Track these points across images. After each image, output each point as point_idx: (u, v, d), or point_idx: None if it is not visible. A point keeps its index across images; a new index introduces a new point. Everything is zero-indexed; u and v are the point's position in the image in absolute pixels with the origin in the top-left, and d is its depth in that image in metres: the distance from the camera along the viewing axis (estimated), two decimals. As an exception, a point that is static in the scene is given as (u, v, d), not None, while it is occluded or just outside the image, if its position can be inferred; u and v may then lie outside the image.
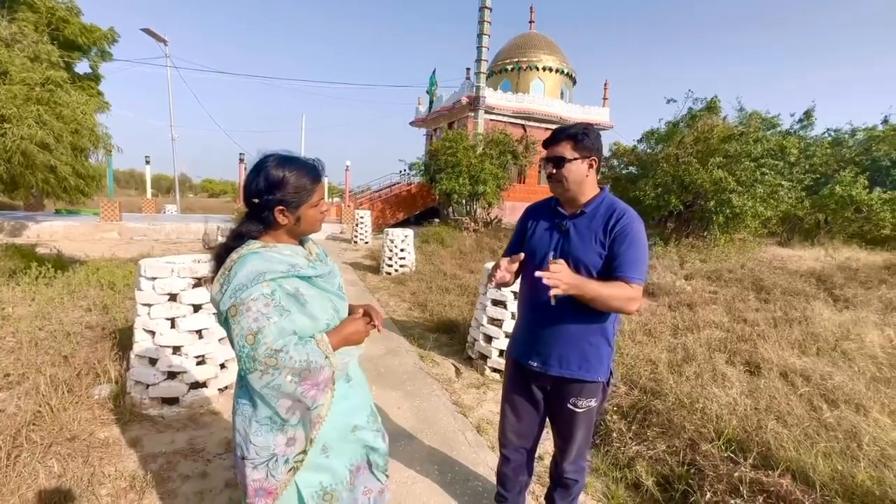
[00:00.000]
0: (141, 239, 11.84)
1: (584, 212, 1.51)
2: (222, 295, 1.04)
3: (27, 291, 4.89)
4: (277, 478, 1.09)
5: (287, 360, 1.01)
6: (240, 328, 1.00)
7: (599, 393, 1.60)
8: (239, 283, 1.02)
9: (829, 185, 11.66)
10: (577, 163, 1.48)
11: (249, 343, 0.99)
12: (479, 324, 3.70)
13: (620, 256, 1.42)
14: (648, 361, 3.64)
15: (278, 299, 1.04)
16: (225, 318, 1.03)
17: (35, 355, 3.16)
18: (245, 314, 1.00)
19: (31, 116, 4.25)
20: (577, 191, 1.51)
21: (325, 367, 1.07)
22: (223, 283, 1.05)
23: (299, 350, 1.03)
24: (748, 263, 8.64)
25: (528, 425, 1.74)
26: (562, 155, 1.48)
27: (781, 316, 5.22)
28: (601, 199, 1.52)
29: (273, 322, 1.01)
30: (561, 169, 1.49)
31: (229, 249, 1.12)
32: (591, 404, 1.59)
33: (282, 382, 1.02)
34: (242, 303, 1.00)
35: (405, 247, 7.87)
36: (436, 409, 2.93)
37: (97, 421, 2.51)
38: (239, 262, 1.05)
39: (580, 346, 1.52)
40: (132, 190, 43.35)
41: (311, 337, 1.08)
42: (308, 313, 1.09)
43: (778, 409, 2.78)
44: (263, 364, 1.00)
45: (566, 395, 1.58)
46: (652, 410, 2.71)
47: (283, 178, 1.08)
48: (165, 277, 2.66)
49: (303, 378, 1.04)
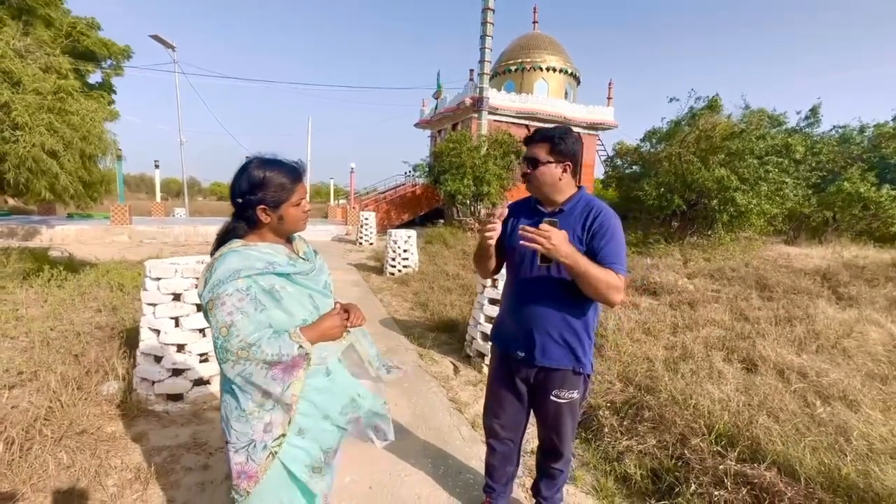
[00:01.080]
0: (150, 242, 12.06)
1: (562, 210, 1.57)
2: (203, 289, 1.12)
3: (40, 293, 5.03)
4: (257, 461, 1.15)
5: (258, 354, 1.08)
6: (215, 321, 1.08)
7: (581, 385, 1.65)
8: (217, 278, 1.09)
9: (836, 183, 11.54)
10: (551, 166, 1.52)
11: (223, 335, 1.07)
12: (476, 322, 3.76)
13: (603, 250, 1.46)
14: (646, 359, 3.67)
15: (253, 294, 1.11)
16: (206, 310, 1.11)
17: (47, 354, 3.28)
18: (220, 308, 1.08)
19: (43, 124, 4.40)
20: (550, 192, 1.56)
21: (297, 356, 1.13)
22: (206, 279, 1.12)
23: (272, 344, 1.09)
24: (753, 262, 8.60)
25: (514, 417, 1.79)
26: (536, 156, 1.52)
27: (783, 314, 5.21)
28: (578, 198, 1.58)
29: (248, 315, 1.08)
30: (534, 170, 1.53)
31: (221, 244, 1.19)
32: (574, 396, 1.64)
33: (253, 371, 1.09)
34: (218, 297, 1.08)
35: (408, 247, 7.95)
36: (432, 406, 3.00)
37: (105, 416, 2.61)
38: (219, 260, 1.13)
39: (563, 338, 1.57)
40: (142, 194, 43.97)
41: (286, 331, 1.14)
42: (284, 309, 1.16)
43: (771, 405, 2.80)
44: (235, 355, 1.07)
45: (549, 387, 1.63)
46: (644, 406, 2.74)
47: (264, 178, 1.16)
48: (170, 278, 2.76)
49: (272, 366, 1.11)
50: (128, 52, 14.91)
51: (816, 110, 14.22)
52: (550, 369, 1.60)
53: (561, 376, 1.61)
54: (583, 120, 20.31)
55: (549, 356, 1.59)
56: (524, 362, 1.64)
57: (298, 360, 1.15)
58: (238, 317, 1.07)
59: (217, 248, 1.20)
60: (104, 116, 5.41)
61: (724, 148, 9.78)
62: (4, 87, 4.09)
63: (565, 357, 1.58)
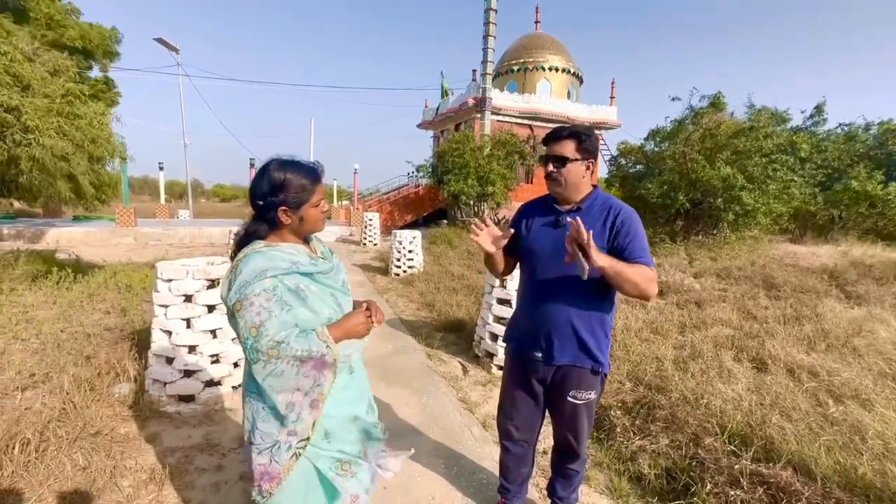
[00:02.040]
0: (156, 243, 12.12)
1: (580, 208, 1.57)
2: (229, 291, 1.12)
3: (49, 295, 5.06)
4: (280, 463, 1.16)
5: (288, 350, 1.08)
6: (244, 321, 1.08)
7: (598, 385, 1.64)
8: (243, 279, 1.10)
9: (843, 181, 11.48)
10: (578, 164, 1.52)
11: (253, 335, 1.07)
12: (484, 322, 3.76)
13: (630, 245, 1.47)
14: (655, 359, 3.66)
15: (280, 294, 1.12)
16: (231, 313, 1.12)
17: (58, 356, 3.30)
18: (248, 308, 1.08)
19: (53, 127, 4.43)
20: (573, 191, 1.56)
21: (327, 354, 1.14)
22: (231, 280, 1.13)
23: (300, 341, 1.10)
24: (759, 261, 8.56)
25: (528, 418, 1.78)
26: (564, 154, 1.51)
27: (791, 313, 5.18)
28: (595, 196, 1.58)
29: (275, 315, 1.09)
30: (562, 168, 1.52)
31: (239, 249, 1.20)
32: (591, 396, 1.63)
33: (284, 369, 1.10)
34: (246, 298, 1.08)
35: (413, 248, 7.95)
36: (442, 406, 3.00)
37: (118, 417, 2.62)
38: (244, 261, 1.14)
39: (581, 338, 1.56)
40: (146, 196, 44.21)
41: (313, 330, 1.15)
42: (309, 307, 1.17)
43: (783, 404, 2.79)
44: (266, 354, 1.07)
45: (566, 388, 1.62)
46: (656, 406, 2.74)
47: (285, 179, 1.17)
48: (181, 279, 2.77)
49: (303, 362, 1.12)
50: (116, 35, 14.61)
51: (821, 108, 14.13)
52: (568, 369, 1.60)
53: (578, 376, 1.60)
54: (586, 119, 20.27)
55: (568, 355, 1.58)
56: (541, 362, 1.63)
57: (327, 361, 1.15)
58: (266, 316, 1.08)
59: (238, 251, 1.21)
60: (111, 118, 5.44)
61: (731, 146, 9.73)
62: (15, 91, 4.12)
63: (583, 356, 1.58)
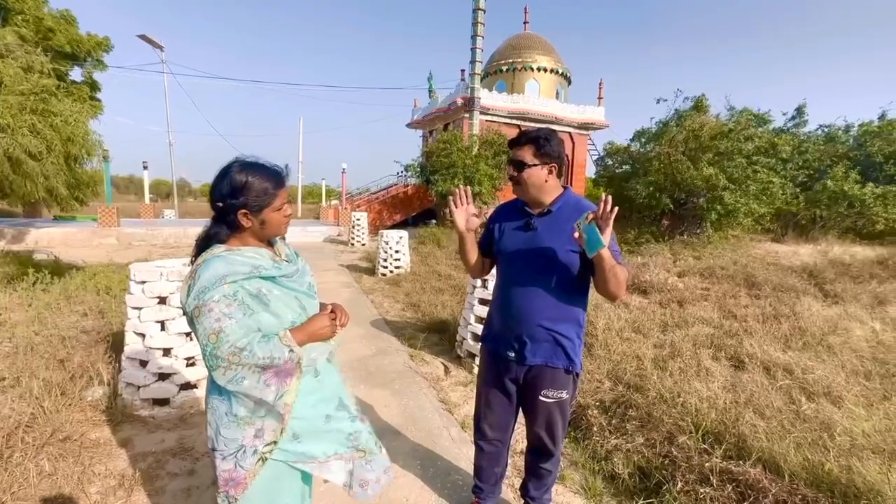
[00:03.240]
0: (139, 244, 11.92)
1: (550, 211, 1.59)
2: (188, 297, 1.10)
3: (24, 297, 4.94)
4: (246, 468, 1.14)
5: (249, 358, 1.07)
6: (203, 328, 1.06)
7: (570, 385, 1.66)
8: (202, 285, 1.08)
9: (822, 181, 11.72)
10: (537, 168, 1.54)
11: (212, 342, 1.05)
12: (466, 323, 3.76)
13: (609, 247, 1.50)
14: (635, 358, 3.69)
15: (241, 299, 1.10)
16: (191, 318, 1.09)
17: (30, 359, 3.22)
18: (207, 315, 1.06)
19: (26, 125, 4.32)
20: (537, 194, 1.58)
21: (289, 359, 1.13)
22: (190, 286, 1.11)
23: (262, 347, 1.09)
24: (741, 260, 8.70)
25: (502, 417, 1.80)
26: (522, 160, 1.55)
27: (770, 311, 5.27)
28: (565, 199, 1.60)
29: (236, 321, 1.07)
30: (521, 173, 1.55)
31: (200, 252, 1.18)
32: (562, 396, 1.65)
33: (245, 376, 1.08)
34: (205, 304, 1.06)
35: (400, 248, 7.93)
36: (422, 407, 2.99)
37: (89, 422, 2.57)
38: (203, 266, 1.11)
39: (554, 338, 1.58)
40: (131, 195, 43.39)
41: (275, 334, 1.13)
42: (272, 312, 1.15)
43: (757, 402, 2.84)
44: (226, 361, 1.06)
45: (538, 387, 1.64)
46: (632, 405, 2.76)
47: (246, 182, 1.14)
48: (155, 281, 2.72)
49: (265, 369, 1.10)
50: (107, 45, 14.57)
51: (802, 110, 14.42)
52: (540, 369, 1.61)
53: (551, 375, 1.61)
54: (574, 120, 20.42)
55: (540, 355, 1.60)
56: (514, 362, 1.64)
57: (290, 366, 1.14)
58: (226, 322, 1.06)
59: (198, 255, 1.19)
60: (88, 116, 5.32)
61: (713, 147, 9.88)
62: (-16, 88, 4.02)
63: (556, 356, 1.59)
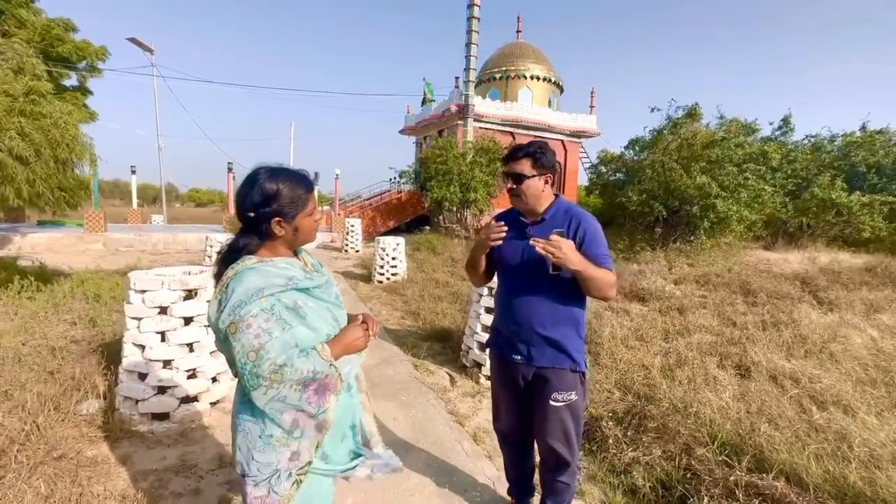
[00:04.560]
0: (127, 250, 11.63)
1: (544, 219, 1.67)
2: (220, 313, 1.03)
3: (9, 305, 4.76)
4: (280, 493, 1.07)
5: (291, 374, 1.01)
6: (241, 345, 1.00)
7: (578, 385, 1.70)
8: (237, 300, 1.01)
9: (810, 189, 11.96)
10: (535, 180, 1.63)
11: (252, 360, 0.99)
12: (472, 332, 3.70)
13: (592, 252, 1.56)
14: (642, 366, 3.67)
15: (278, 313, 1.04)
16: (224, 336, 1.02)
17: (19, 372, 3.08)
18: (245, 331, 0.99)
19: (14, 128, 4.18)
20: (534, 203, 1.66)
21: (330, 374, 1.08)
22: (221, 301, 1.04)
23: (303, 362, 1.03)
24: (735, 267, 8.80)
25: (519, 418, 1.84)
26: (521, 172, 1.63)
27: (769, 319, 5.31)
28: (557, 206, 1.69)
29: (275, 337, 1.01)
30: (520, 185, 1.63)
31: (226, 265, 1.11)
32: (572, 398, 1.68)
33: (287, 394, 1.03)
34: (242, 319, 1.00)
35: (396, 255, 7.86)
36: (432, 419, 2.92)
37: (85, 438, 2.44)
38: (235, 279, 1.05)
39: (555, 340, 1.64)
40: (117, 200, 42.59)
41: (313, 348, 1.08)
42: (309, 325, 1.10)
43: (769, 412, 2.82)
44: (268, 380, 1.00)
45: (547, 390, 1.68)
46: (647, 416, 2.72)
47: (278, 189, 1.10)
48: (156, 290, 2.62)
49: (306, 386, 1.05)
50: (103, 54, 14.44)
51: (788, 120, 14.76)
52: (547, 371, 1.66)
53: (558, 376, 1.66)
54: (566, 128, 20.60)
55: (546, 358, 1.66)
56: (523, 364, 1.70)
57: (331, 381, 1.09)
58: (266, 338, 1.00)
59: (224, 267, 1.12)
60: (79, 119, 5.18)
61: (705, 156, 10.03)
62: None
63: (560, 357, 1.65)
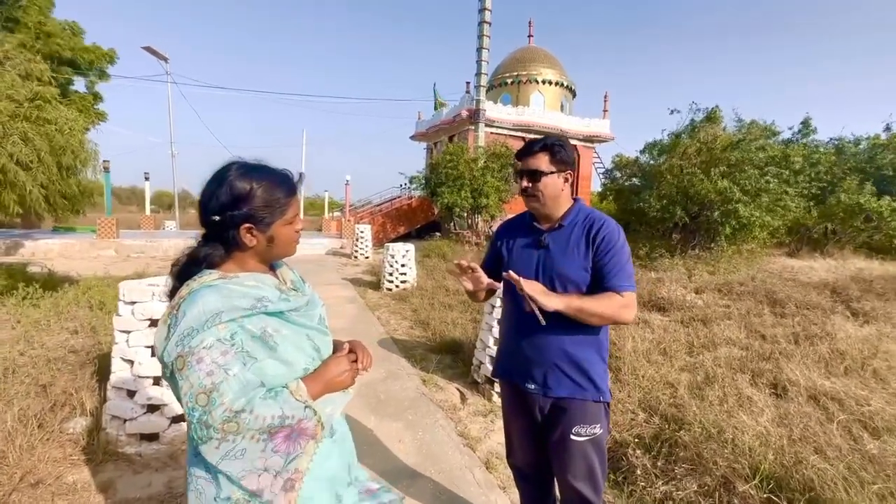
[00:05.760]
0: (138, 256, 11.67)
1: (561, 225, 1.46)
2: (167, 342, 0.82)
3: (12, 313, 4.68)
4: None
5: (251, 422, 0.79)
6: (189, 385, 0.79)
7: (603, 417, 1.46)
8: (188, 326, 0.80)
9: (835, 194, 11.48)
10: (554, 177, 1.43)
11: (201, 404, 0.78)
12: (484, 346, 3.47)
13: (606, 266, 1.37)
14: (667, 384, 3.41)
15: (240, 344, 0.83)
16: (171, 372, 0.82)
17: (10, 385, 2.94)
18: (195, 367, 0.78)
19: (17, 133, 4.11)
20: (553, 205, 1.46)
21: (304, 419, 0.86)
22: (170, 327, 0.83)
23: (268, 406, 0.81)
24: (758, 275, 8.42)
25: (534, 453, 1.60)
26: (537, 168, 1.42)
27: (801, 331, 4.98)
28: (577, 211, 1.48)
29: (233, 375, 0.80)
30: (537, 183, 1.43)
31: (182, 280, 0.91)
32: (596, 431, 1.44)
33: (246, 447, 0.81)
34: (192, 352, 0.79)
35: (406, 262, 7.67)
36: (440, 443, 2.69)
37: (67, 461, 2.27)
38: (188, 300, 0.84)
39: (577, 366, 1.42)
40: (133, 206, 43.31)
41: (284, 387, 0.86)
42: (280, 358, 0.88)
43: (814, 439, 2.54)
44: (221, 431, 0.78)
45: (567, 424, 1.43)
46: (678, 443, 2.47)
47: (251, 189, 0.89)
48: (146, 301, 2.46)
49: (273, 434, 0.83)
50: (112, 57, 14.53)
51: (808, 123, 14.28)
52: (567, 402, 1.43)
53: (580, 408, 1.43)
54: (579, 132, 20.32)
55: (565, 387, 1.43)
56: (538, 395, 1.48)
57: (306, 426, 0.87)
58: (220, 376, 0.79)
59: (180, 283, 0.91)
60: (85, 125, 5.12)
61: (725, 159, 9.68)
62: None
63: (582, 386, 1.43)
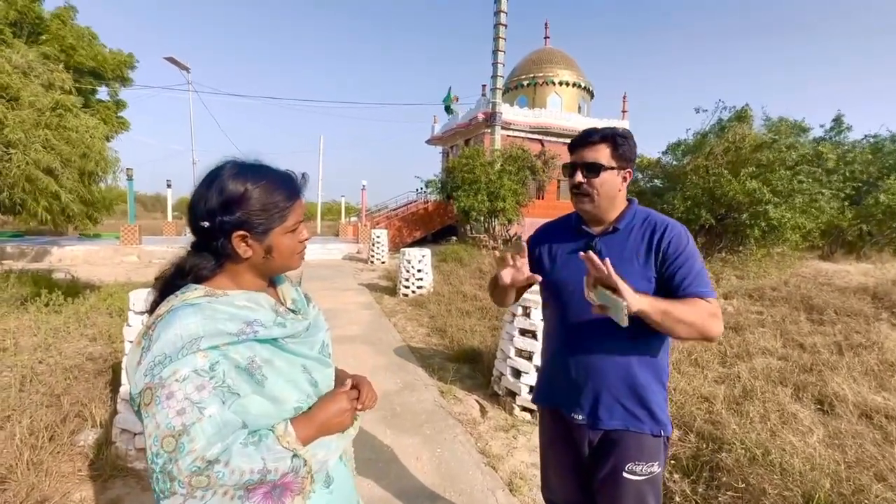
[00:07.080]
0: (160, 262, 11.84)
1: (616, 228, 1.27)
2: (136, 372, 0.69)
3: (35, 320, 4.73)
4: None
5: (225, 476, 0.65)
6: (155, 425, 0.65)
7: (661, 453, 1.27)
8: (160, 352, 0.67)
9: (873, 194, 10.91)
10: (613, 173, 1.23)
11: (168, 450, 0.64)
12: (505, 356, 3.31)
13: (679, 272, 1.18)
14: (701, 398, 3.20)
15: (220, 377, 0.69)
16: (137, 406, 0.68)
17: (26, 395, 2.92)
18: (163, 404, 0.65)
19: (39, 141, 4.15)
20: (607, 206, 1.26)
21: (290, 472, 0.72)
22: (141, 354, 0.70)
23: (248, 456, 0.67)
24: (792, 280, 8.01)
25: (580, 489, 1.38)
26: (596, 160, 1.22)
27: (843, 340, 4.66)
28: (633, 213, 1.29)
29: (208, 416, 0.66)
30: (594, 178, 1.22)
31: (164, 296, 0.78)
32: (654, 469, 1.24)
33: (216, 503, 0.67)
34: (162, 385, 0.65)
35: (422, 267, 7.56)
36: (460, 461, 2.54)
37: (75, 477, 2.20)
38: (165, 320, 0.70)
39: (635, 393, 1.23)
40: (158, 213, 44.55)
41: (270, 429, 0.72)
42: (268, 394, 0.74)
43: (872, 462, 2.30)
44: (187, 486, 0.64)
45: (620, 460, 1.24)
46: (720, 466, 2.26)
47: (246, 192, 0.76)
48: (156, 311, 2.39)
49: (251, 491, 0.69)
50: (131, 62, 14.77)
51: (841, 120, 13.69)
52: (621, 435, 1.24)
53: (636, 443, 1.24)
54: (597, 134, 19.94)
55: (619, 417, 1.24)
56: (585, 426, 1.28)
57: (292, 480, 0.73)
58: (193, 416, 0.65)
59: (161, 298, 0.79)
60: (106, 133, 5.18)
61: (754, 160, 9.29)
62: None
63: (639, 417, 1.23)
